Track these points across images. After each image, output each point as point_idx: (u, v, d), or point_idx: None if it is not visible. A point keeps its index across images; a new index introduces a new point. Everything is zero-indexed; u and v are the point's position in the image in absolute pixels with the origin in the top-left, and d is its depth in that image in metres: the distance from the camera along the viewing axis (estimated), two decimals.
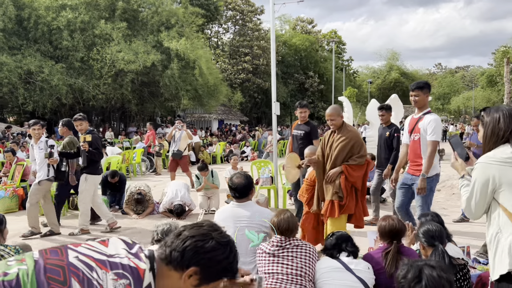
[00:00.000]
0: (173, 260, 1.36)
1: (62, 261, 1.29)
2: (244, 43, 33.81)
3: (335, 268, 2.91)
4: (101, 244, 1.38)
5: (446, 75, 63.56)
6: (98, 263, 1.30)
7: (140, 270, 1.31)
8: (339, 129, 4.61)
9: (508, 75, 29.45)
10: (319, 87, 37.83)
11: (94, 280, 1.26)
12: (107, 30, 20.27)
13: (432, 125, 4.51)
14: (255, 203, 3.55)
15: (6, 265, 1.28)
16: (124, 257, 1.34)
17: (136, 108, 22.76)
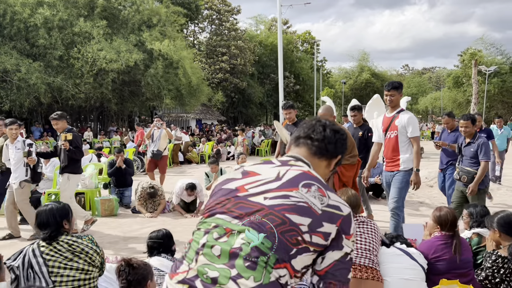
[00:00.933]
0: (328, 151, 1.62)
1: (263, 210, 1.39)
2: (221, 43, 33.82)
3: (395, 253, 3.12)
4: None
5: (414, 76, 65.58)
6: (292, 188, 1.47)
7: (309, 172, 1.53)
8: None
9: (476, 76, 30.78)
10: (295, 87, 38.30)
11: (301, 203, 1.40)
12: (87, 28, 19.90)
13: (411, 123, 4.75)
14: None
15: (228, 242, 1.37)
16: (297, 167, 1.55)
17: (116, 108, 22.41)
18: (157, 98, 22.01)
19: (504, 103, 41.65)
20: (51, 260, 2.58)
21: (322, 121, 1.67)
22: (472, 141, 5.47)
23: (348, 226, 1.43)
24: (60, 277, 2.54)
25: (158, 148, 9.15)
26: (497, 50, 44.68)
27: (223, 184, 1.50)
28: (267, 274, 1.30)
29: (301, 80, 39.30)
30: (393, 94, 4.83)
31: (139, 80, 21.36)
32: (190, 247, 1.41)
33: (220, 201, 1.44)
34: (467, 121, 5.51)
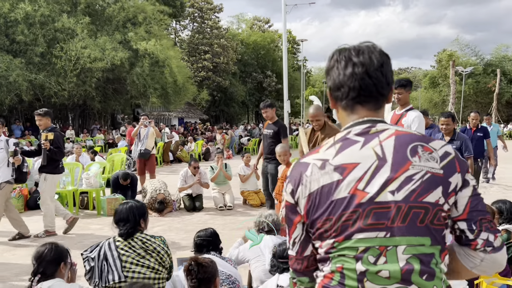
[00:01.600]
0: (384, 94, 1.30)
1: (400, 208, 1.22)
2: (204, 41, 33.66)
3: None
4: None
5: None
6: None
7: (398, 133, 1.29)
8: (323, 128, 4.77)
9: (453, 77, 31.68)
10: (277, 86, 38.47)
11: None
12: (70, 24, 19.47)
13: (417, 122, 4.65)
14: None
15: None
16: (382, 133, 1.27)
17: (99, 106, 22.01)
18: (142, 96, 21.74)
19: (478, 103, 42.96)
20: (125, 255, 2.60)
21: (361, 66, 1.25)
22: (453, 138, 5.56)
23: (461, 160, 1.26)
24: (132, 273, 2.55)
25: (145, 147, 8.84)
26: (471, 52, 46.09)
27: (326, 194, 1.21)
28: (440, 274, 1.21)
29: (283, 79, 39.44)
30: (401, 92, 4.72)
31: (123, 78, 21.04)
32: (345, 276, 1.21)
33: (347, 219, 1.19)
34: (448, 119, 5.61)
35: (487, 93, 42.70)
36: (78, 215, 7.30)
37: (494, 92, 36.65)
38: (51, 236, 5.98)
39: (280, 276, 2.72)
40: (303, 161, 1.28)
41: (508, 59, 45.13)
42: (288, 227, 1.30)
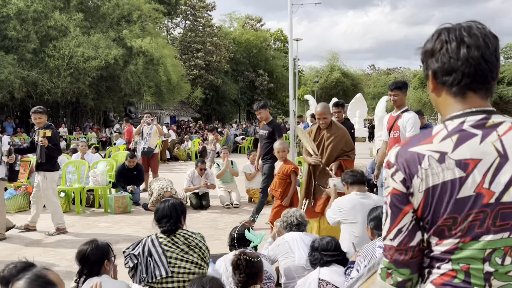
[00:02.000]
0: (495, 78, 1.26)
1: None
2: (196, 39, 33.54)
3: None
4: None
5: (381, 76, 67.48)
6: None
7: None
8: (329, 126, 4.71)
9: None
10: (269, 85, 38.54)
11: None
12: (63, 21, 19.22)
13: (411, 123, 4.65)
14: (372, 194, 3.82)
15: None
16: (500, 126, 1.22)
17: (92, 103, 21.79)
18: (136, 94, 21.58)
19: None
20: (169, 251, 2.64)
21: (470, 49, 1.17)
22: None
23: None
24: (178, 268, 2.58)
25: (149, 145, 8.81)
26: None
27: (449, 191, 1.16)
28: None
29: (275, 78, 39.58)
30: (397, 94, 4.74)
31: (117, 75, 20.84)
32: (470, 275, 1.20)
33: (474, 219, 1.16)
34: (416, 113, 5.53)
35: None
36: (85, 212, 7.27)
37: None
38: (62, 233, 5.96)
39: (321, 269, 2.75)
40: (412, 150, 1.21)
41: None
42: (394, 216, 1.25)
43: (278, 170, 5.30)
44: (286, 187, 5.17)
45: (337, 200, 3.67)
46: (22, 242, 5.67)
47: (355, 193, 3.62)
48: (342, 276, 2.66)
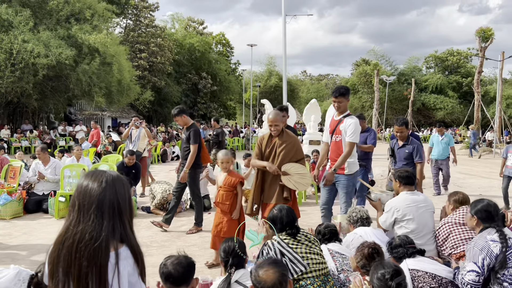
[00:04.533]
0: None
1: None
2: (139, 39, 32.85)
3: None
4: None
5: (314, 82, 70.27)
6: None
7: None
8: (280, 134, 4.67)
9: (377, 84, 34.56)
10: (212, 88, 38.71)
11: None
12: (8, 15, 18.07)
13: (352, 128, 4.76)
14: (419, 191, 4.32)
15: None
16: None
17: (36, 104, 20.62)
18: (86, 95, 20.78)
19: (393, 109, 46.92)
20: (297, 248, 3.01)
21: None
22: (406, 143, 5.78)
23: None
24: (310, 260, 2.96)
25: (137, 149, 8.83)
26: (385, 62, 50.27)
27: None
28: None
29: (218, 81, 39.83)
30: (341, 101, 4.84)
31: (65, 75, 19.94)
32: None
33: None
34: (401, 127, 5.79)
35: (401, 100, 46.93)
36: None
37: (409, 99, 40.50)
38: None
39: (407, 260, 3.12)
40: None
41: (419, 70, 50.01)
42: None
43: (222, 181, 4.86)
44: (233, 199, 4.77)
45: (391, 202, 4.09)
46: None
47: (405, 192, 4.05)
48: (430, 263, 3.14)
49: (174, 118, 6.27)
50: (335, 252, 3.48)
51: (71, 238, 1.54)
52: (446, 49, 49.28)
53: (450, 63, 47.82)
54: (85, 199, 1.58)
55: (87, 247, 1.51)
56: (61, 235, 1.58)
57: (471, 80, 46.10)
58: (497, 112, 22.14)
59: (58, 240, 1.58)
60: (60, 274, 1.52)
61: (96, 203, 1.57)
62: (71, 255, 1.51)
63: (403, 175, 4.11)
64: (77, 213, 1.58)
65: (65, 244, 1.54)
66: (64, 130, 22.20)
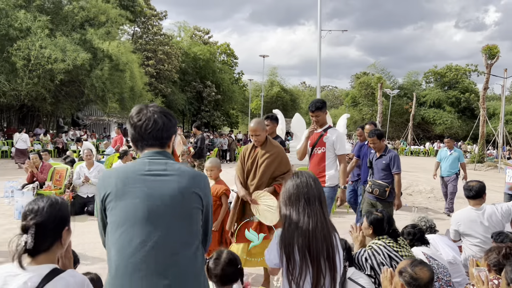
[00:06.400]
0: None
1: None
2: (147, 47, 33.20)
3: None
4: None
5: (312, 93, 70.92)
6: None
7: None
8: (263, 144, 4.30)
9: (381, 97, 35.08)
10: (216, 96, 39.08)
11: None
12: (27, 21, 18.32)
13: (338, 141, 4.77)
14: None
15: None
16: None
17: (50, 108, 20.81)
18: (101, 100, 21.02)
19: (393, 123, 47.53)
20: (401, 251, 3.23)
21: None
22: (383, 154, 5.66)
23: None
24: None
25: None
26: (386, 76, 51.02)
27: None
28: None
29: (222, 90, 40.23)
30: (318, 115, 4.78)
31: (80, 80, 20.20)
32: None
33: None
34: (373, 138, 5.66)
35: (401, 114, 47.64)
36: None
37: (411, 113, 41.17)
38: None
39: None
40: None
41: (418, 84, 50.82)
42: None
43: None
44: (216, 210, 4.49)
45: (455, 214, 4.37)
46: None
47: (470, 207, 4.28)
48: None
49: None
50: (429, 256, 3.52)
51: (304, 227, 1.84)
52: (445, 65, 50.16)
53: (448, 78, 48.66)
54: (309, 194, 1.90)
55: (320, 233, 1.83)
56: (292, 224, 1.89)
57: (469, 95, 47.03)
58: (501, 127, 22.67)
59: (290, 229, 1.89)
60: (297, 255, 1.83)
61: (317, 196, 1.90)
62: (308, 240, 1.82)
63: (467, 190, 4.30)
64: (304, 206, 1.89)
65: (300, 232, 1.85)
66: (74, 134, 22.36)
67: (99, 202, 1.78)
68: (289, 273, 1.85)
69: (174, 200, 1.70)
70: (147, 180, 1.72)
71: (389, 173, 5.54)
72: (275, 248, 1.91)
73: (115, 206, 1.69)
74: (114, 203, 1.69)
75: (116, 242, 1.68)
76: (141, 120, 1.80)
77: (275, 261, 1.92)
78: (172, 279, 1.63)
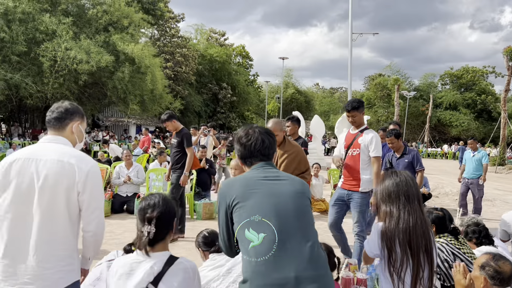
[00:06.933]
0: None
1: None
2: (165, 49, 33.57)
3: None
4: None
5: (326, 95, 70.85)
6: None
7: None
8: (282, 144, 4.36)
9: (398, 99, 35.01)
10: (232, 98, 39.33)
11: None
12: (53, 25, 18.73)
13: (373, 142, 4.60)
14: None
15: None
16: None
17: None
18: (122, 102, 21.38)
19: (408, 125, 47.26)
20: (463, 249, 3.33)
21: None
22: (404, 153, 5.65)
23: None
24: (474, 259, 3.32)
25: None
26: (402, 77, 50.73)
27: None
28: None
29: (237, 92, 40.46)
30: (355, 115, 4.65)
31: (103, 82, 20.58)
32: None
33: None
34: (391, 137, 5.64)
35: (417, 116, 47.35)
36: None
37: (427, 115, 40.93)
38: None
39: None
40: None
41: (434, 86, 50.46)
42: None
43: None
44: None
45: (506, 215, 4.49)
46: None
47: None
48: None
49: (164, 123, 6.24)
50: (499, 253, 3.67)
51: (405, 224, 2.00)
52: (461, 67, 49.74)
53: (465, 80, 48.25)
54: (409, 192, 2.05)
55: (420, 229, 1.98)
56: (393, 220, 2.04)
57: (485, 97, 46.58)
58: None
59: (391, 225, 2.04)
60: (398, 249, 1.98)
61: (416, 195, 2.05)
62: (409, 235, 1.98)
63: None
64: (404, 203, 2.04)
65: (401, 228, 2.00)
66: (96, 135, 22.77)
67: (225, 208, 1.96)
68: (391, 265, 2.01)
69: (293, 198, 1.91)
70: (266, 183, 1.94)
71: (411, 171, 5.42)
72: (376, 240, 2.06)
73: (242, 206, 1.88)
74: (241, 204, 1.89)
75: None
76: (251, 140, 2.08)
77: (375, 252, 2.08)
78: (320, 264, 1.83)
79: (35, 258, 2.04)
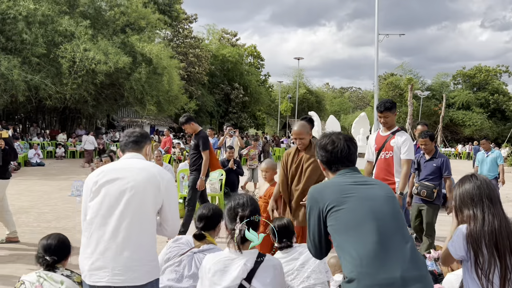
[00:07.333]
0: None
1: None
2: (178, 50, 33.81)
3: None
4: None
5: (336, 95, 70.75)
6: None
7: None
8: (307, 148, 4.14)
9: (411, 99, 34.87)
10: (244, 98, 39.49)
11: None
12: (71, 27, 19.00)
13: (406, 144, 4.49)
14: None
15: None
16: None
17: (91, 110, 21.51)
18: (139, 103, 21.62)
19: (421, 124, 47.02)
20: None
21: None
22: (434, 157, 5.45)
23: None
24: None
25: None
26: (414, 77, 50.52)
27: None
28: None
29: (249, 92, 40.61)
30: (387, 116, 4.55)
31: (121, 83, 20.82)
32: None
33: None
34: (425, 139, 5.43)
35: (429, 115, 47.12)
36: None
37: (440, 115, 40.71)
38: (13, 242, 5.62)
39: None
40: None
41: (446, 86, 50.19)
42: None
43: (264, 192, 4.56)
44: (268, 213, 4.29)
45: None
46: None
47: None
48: None
49: (183, 126, 6.21)
50: None
51: (490, 226, 2.08)
52: (474, 66, 49.44)
53: (478, 80, 47.94)
54: (491, 194, 2.13)
55: (505, 230, 2.06)
56: (478, 222, 2.12)
57: (497, 96, 46.25)
58: None
59: (476, 227, 2.11)
60: (485, 251, 2.06)
61: (498, 197, 2.14)
62: (495, 237, 2.06)
63: None
64: (489, 206, 2.13)
65: (486, 230, 2.08)
66: (113, 136, 23.01)
67: (317, 213, 2.02)
68: (478, 267, 2.09)
69: (387, 201, 1.99)
70: (359, 188, 2.02)
71: (437, 176, 5.35)
72: (461, 242, 2.13)
73: (339, 210, 1.95)
74: (337, 208, 1.95)
75: (352, 239, 1.89)
76: (337, 148, 2.17)
77: (460, 254, 2.15)
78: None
79: (126, 253, 2.24)
